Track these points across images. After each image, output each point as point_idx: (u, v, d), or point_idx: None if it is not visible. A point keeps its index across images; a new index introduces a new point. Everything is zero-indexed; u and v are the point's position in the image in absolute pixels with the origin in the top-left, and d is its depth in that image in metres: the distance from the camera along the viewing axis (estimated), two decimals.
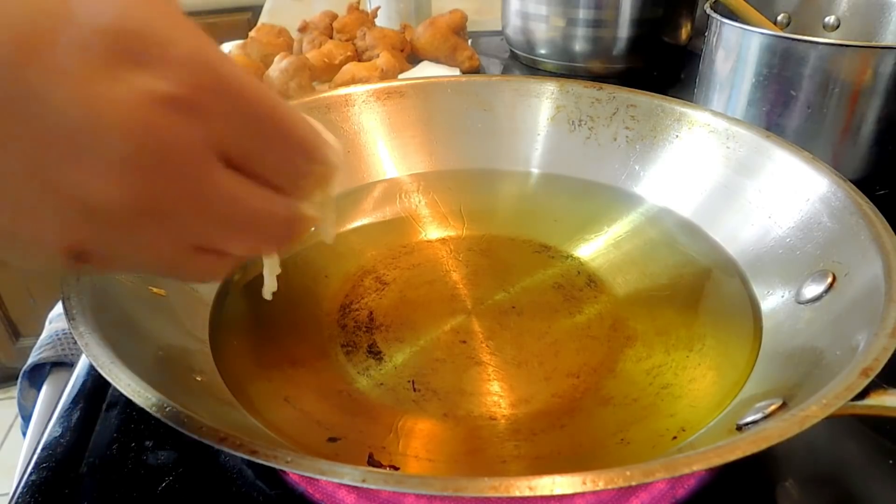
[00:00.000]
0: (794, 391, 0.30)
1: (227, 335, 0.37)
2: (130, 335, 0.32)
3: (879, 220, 0.35)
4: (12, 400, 0.75)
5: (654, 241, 0.46)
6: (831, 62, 0.51)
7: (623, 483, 0.21)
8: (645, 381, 0.35)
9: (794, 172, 0.42)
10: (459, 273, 0.43)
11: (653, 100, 0.51)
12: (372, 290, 0.42)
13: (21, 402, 0.66)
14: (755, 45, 0.55)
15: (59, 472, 0.33)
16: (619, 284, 0.42)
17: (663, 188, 0.50)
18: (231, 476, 0.32)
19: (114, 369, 0.26)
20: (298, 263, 0.44)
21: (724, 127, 0.47)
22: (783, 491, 0.32)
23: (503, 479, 0.21)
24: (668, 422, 0.32)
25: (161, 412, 0.24)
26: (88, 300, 0.31)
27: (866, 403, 0.25)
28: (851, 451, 0.34)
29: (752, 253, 0.43)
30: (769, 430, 0.23)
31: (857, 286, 0.34)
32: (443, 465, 0.30)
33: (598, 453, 0.31)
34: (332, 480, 0.21)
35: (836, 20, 0.68)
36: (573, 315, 0.39)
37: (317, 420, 0.32)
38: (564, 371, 0.35)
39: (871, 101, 0.52)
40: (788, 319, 0.37)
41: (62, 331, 0.63)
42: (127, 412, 0.35)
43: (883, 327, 0.28)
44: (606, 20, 0.78)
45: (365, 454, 0.30)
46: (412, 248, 0.46)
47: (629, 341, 0.37)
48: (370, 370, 0.35)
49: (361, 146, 0.52)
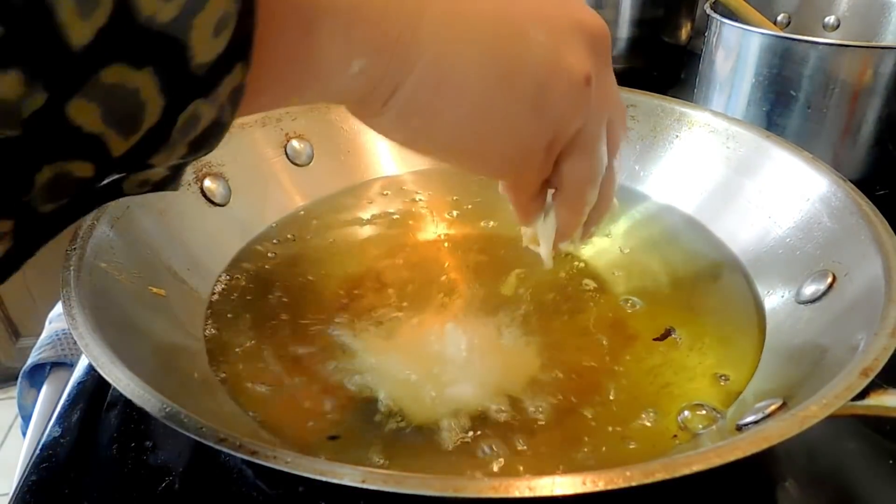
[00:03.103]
0: (794, 391, 0.30)
1: (227, 335, 0.37)
2: (130, 335, 0.32)
3: (879, 220, 0.35)
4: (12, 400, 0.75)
5: (654, 240, 0.46)
6: (831, 62, 0.51)
7: (623, 483, 0.21)
8: (645, 380, 0.35)
9: (794, 172, 0.42)
10: (459, 271, 0.43)
11: (653, 100, 0.51)
12: (371, 288, 0.42)
13: (21, 402, 0.66)
14: (755, 45, 0.55)
15: (59, 472, 0.33)
16: (619, 283, 0.42)
17: (663, 188, 0.50)
18: (231, 476, 0.32)
19: (114, 369, 0.26)
20: (298, 262, 0.44)
21: (724, 127, 0.47)
22: (783, 491, 0.32)
23: (503, 479, 0.21)
24: (669, 421, 0.32)
25: (161, 412, 0.24)
26: (88, 300, 0.31)
27: (866, 403, 0.26)
28: (851, 451, 0.34)
29: (752, 253, 0.43)
30: (769, 430, 0.23)
31: (857, 286, 0.34)
32: (443, 465, 0.30)
33: (597, 453, 0.31)
34: (331, 481, 0.21)
35: (836, 20, 0.68)
36: (573, 313, 0.39)
37: (317, 419, 0.32)
38: (564, 369, 0.35)
39: (871, 101, 0.52)
40: (788, 319, 0.37)
41: (62, 331, 0.63)
42: (127, 412, 0.35)
43: (883, 327, 0.28)
44: (606, 20, 0.77)
45: (365, 453, 0.30)
46: (412, 246, 0.46)
47: (629, 340, 0.37)
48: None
49: (361, 146, 0.52)
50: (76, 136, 0.16)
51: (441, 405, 0.33)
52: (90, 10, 0.15)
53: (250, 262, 0.43)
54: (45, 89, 0.15)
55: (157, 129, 0.18)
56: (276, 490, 0.31)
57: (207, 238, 0.43)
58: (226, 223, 0.44)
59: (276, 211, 0.48)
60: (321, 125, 0.51)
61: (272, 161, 0.49)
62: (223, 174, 0.45)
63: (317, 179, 0.50)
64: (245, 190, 0.46)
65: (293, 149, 0.50)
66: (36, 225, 0.18)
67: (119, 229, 0.37)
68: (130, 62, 0.16)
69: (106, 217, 0.36)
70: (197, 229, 0.42)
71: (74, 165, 0.17)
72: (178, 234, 0.41)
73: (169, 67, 0.17)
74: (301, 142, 0.50)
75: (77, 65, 0.15)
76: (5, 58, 0.14)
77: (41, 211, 0.17)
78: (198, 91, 0.18)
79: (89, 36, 0.15)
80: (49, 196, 0.17)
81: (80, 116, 0.16)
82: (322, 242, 0.46)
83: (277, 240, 0.46)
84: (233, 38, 0.17)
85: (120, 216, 0.37)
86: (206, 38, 0.17)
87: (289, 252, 0.45)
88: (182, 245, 0.41)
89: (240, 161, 0.46)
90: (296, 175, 0.50)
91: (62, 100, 0.15)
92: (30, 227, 0.17)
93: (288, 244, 0.45)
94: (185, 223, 0.41)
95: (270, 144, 0.49)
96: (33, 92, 0.15)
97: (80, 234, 0.34)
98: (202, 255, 0.42)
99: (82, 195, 0.18)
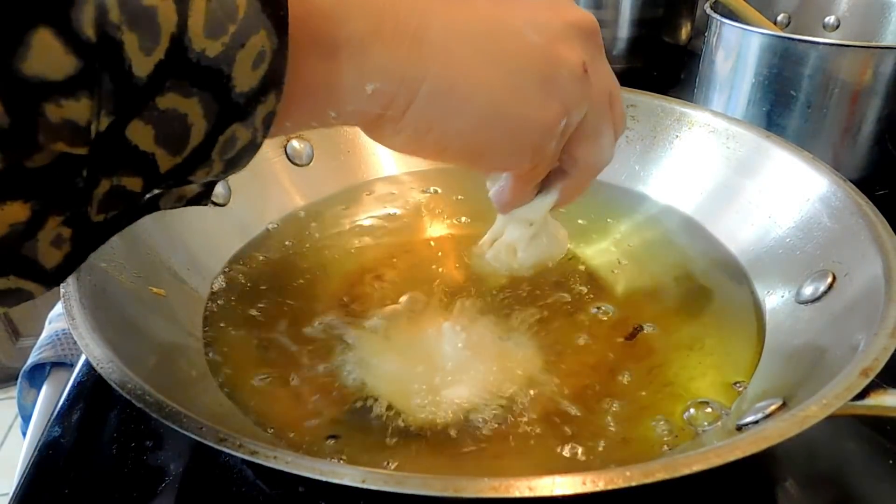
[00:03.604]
0: (794, 391, 0.30)
1: (227, 335, 0.37)
2: (130, 335, 0.32)
3: (879, 220, 0.35)
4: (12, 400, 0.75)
5: (654, 240, 0.46)
6: (831, 62, 0.51)
7: (623, 483, 0.21)
8: (645, 379, 0.35)
9: (794, 172, 0.42)
10: (460, 271, 0.43)
11: (653, 100, 0.51)
12: (371, 288, 0.42)
13: (21, 402, 0.66)
14: (755, 45, 0.55)
15: (59, 472, 0.33)
16: (619, 283, 0.42)
17: (663, 188, 0.50)
18: (231, 476, 0.32)
19: (114, 369, 0.26)
20: (298, 262, 0.44)
21: (724, 127, 0.47)
22: (783, 491, 0.32)
23: (503, 480, 0.21)
24: (669, 421, 0.32)
25: (161, 412, 0.24)
26: (88, 300, 0.31)
27: (866, 403, 0.26)
28: (851, 451, 0.34)
29: (752, 253, 0.43)
30: (769, 430, 0.23)
31: (857, 286, 0.34)
32: (442, 464, 0.30)
33: (597, 452, 0.31)
34: (332, 481, 0.22)
35: (836, 20, 0.68)
36: (574, 313, 0.39)
37: (317, 418, 0.32)
38: (564, 369, 0.35)
39: (871, 101, 0.52)
40: (788, 319, 0.37)
41: (62, 331, 0.63)
42: (127, 412, 0.35)
43: (883, 327, 0.28)
44: (606, 20, 0.78)
45: (365, 453, 0.30)
46: (412, 246, 0.46)
47: (629, 340, 0.37)
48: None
49: (361, 146, 0.52)
50: (133, 154, 0.19)
51: (440, 405, 0.33)
52: (152, 47, 0.17)
53: (250, 262, 0.43)
54: (110, 114, 0.17)
55: (200, 148, 0.20)
56: (276, 490, 0.31)
57: (207, 238, 0.43)
58: (226, 223, 0.44)
59: (276, 211, 0.48)
60: None
61: (272, 161, 0.49)
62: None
63: (317, 179, 0.50)
64: (245, 190, 0.46)
65: (293, 149, 0.50)
66: (89, 233, 0.20)
67: None
68: (182, 91, 0.19)
69: None
70: (197, 229, 0.42)
71: (127, 180, 0.19)
72: (178, 234, 0.41)
73: (214, 95, 0.19)
74: (301, 142, 0.50)
75: (138, 93, 0.18)
76: (79, 86, 0.16)
77: (94, 220, 0.20)
78: (237, 116, 0.20)
79: (150, 69, 0.17)
80: (102, 207, 0.20)
81: (136, 137, 0.18)
82: (322, 242, 0.46)
83: (277, 240, 0.46)
84: (268, 71, 0.20)
85: None
86: (247, 70, 0.20)
87: (288, 252, 0.45)
88: (182, 245, 0.41)
89: None
90: (296, 175, 0.50)
91: (123, 123, 0.18)
92: (84, 235, 0.20)
93: (288, 244, 0.45)
94: (185, 223, 0.41)
95: (270, 144, 0.49)
96: (101, 116, 0.17)
97: None
98: (202, 255, 0.42)
99: (128, 208, 0.21)
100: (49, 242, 0.19)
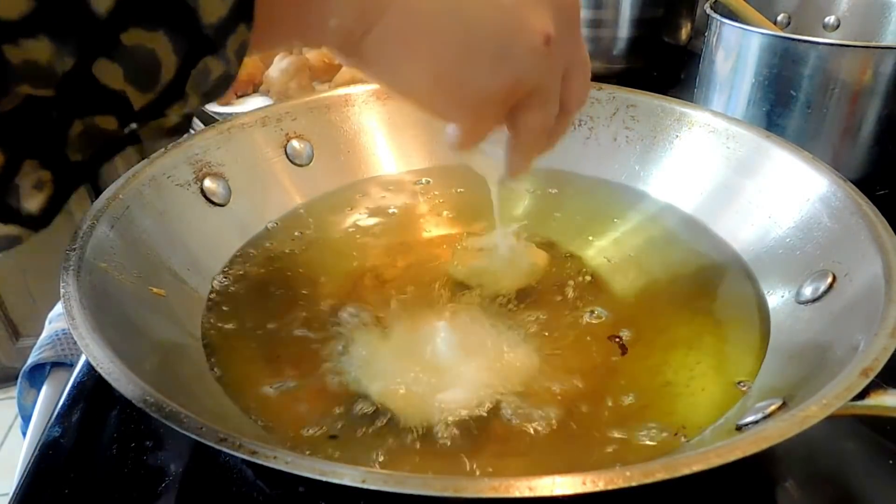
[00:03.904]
0: (794, 391, 0.30)
1: (226, 335, 0.37)
2: (130, 335, 0.32)
3: (879, 220, 0.35)
4: (12, 400, 0.75)
5: (655, 239, 0.46)
6: (831, 62, 0.51)
7: (623, 483, 0.21)
8: (645, 379, 0.35)
9: (794, 172, 0.42)
10: (459, 271, 0.43)
11: (653, 100, 0.51)
12: (371, 288, 0.42)
13: (21, 402, 0.66)
14: (755, 45, 0.55)
15: (59, 473, 0.33)
16: (620, 282, 0.42)
17: (663, 188, 0.50)
18: (231, 476, 0.32)
19: (114, 369, 0.26)
20: (297, 262, 0.44)
21: (724, 127, 0.47)
22: (783, 491, 0.32)
23: (503, 480, 0.21)
24: (668, 420, 0.32)
25: (160, 412, 0.24)
26: (88, 300, 0.31)
27: (866, 403, 0.26)
28: (851, 451, 0.34)
29: (751, 253, 0.43)
30: (769, 430, 0.23)
31: (857, 286, 0.34)
32: (442, 464, 0.30)
33: (597, 452, 0.31)
34: (332, 481, 0.21)
35: (836, 20, 0.68)
36: (574, 312, 0.39)
37: (317, 418, 0.32)
38: (564, 368, 0.35)
39: (871, 101, 0.52)
40: (788, 319, 0.37)
41: (62, 331, 0.63)
42: (127, 412, 0.35)
43: (883, 327, 0.28)
44: (606, 20, 0.78)
45: (365, 453, 0.30)
46: (412, 245, 0.46)
47: (630, 339, 0.37)
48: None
49: (362, 146, 0.52)
50: (102, 93, 0.19)
51: (440, 405, 0.33)
52: None
53: (250, 262, 0.43)
54: (73, 53, 0.17)
55: (173, 84, 0.20)
56: (276, 490, 0.31)
57: (207, 238, 0.43)
58: (225, 223, 0.44)
59: (276, 211, 0.48)
60: (321, 125, 0.51)
61: (272, 161, 0.49)
62: (223, 174, 0.45)
63: (317, 179, 0.50)
64: (245, 190, 0.46)
65: (293, 149, 0.50)
66: (69, 173, 0.20)
67: (119, 229, 0.37)
68: (147, 26, 0.18)
69: (106, 217, 0.36)
70: (197, 229, 0.42)
71: (101, 119, 0.20)
72: (178, 234, 0.41)
73: (181, 29, 0.19)
74: (301, 142, 0.50)
75: (101, 30, 0.17)
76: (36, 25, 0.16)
77: (73, 160, 0.20)
78: (207, 49, 0.20)
79: (110, 4, 0.17)
80: (79, 147, 0.20)
81: (104, 76, 0.18)
82: (321, 242, 0.46)
83: (277, 239, 0.46)
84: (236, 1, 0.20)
85: (120, 216, 0.37)
86: (213, 1, 0.19)
87: (288, 252, 0.45)
88: (182, 245, 0.41)
89: (240, 161, 0.46)
90: (296, 175, 0.50)
91: (89, 62, 0.18)
92: (65, 175, 0.20)
93: (287, 244, 0.45)
94: (185, 223, 0.41)
95: (270, 144, 0.49)
96: (63, 55, 0.17)
97: (80, 234, 0.34)
98: (202, 255, 0.42)
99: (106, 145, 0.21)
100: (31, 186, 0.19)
